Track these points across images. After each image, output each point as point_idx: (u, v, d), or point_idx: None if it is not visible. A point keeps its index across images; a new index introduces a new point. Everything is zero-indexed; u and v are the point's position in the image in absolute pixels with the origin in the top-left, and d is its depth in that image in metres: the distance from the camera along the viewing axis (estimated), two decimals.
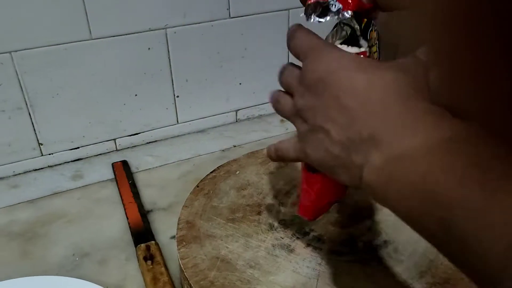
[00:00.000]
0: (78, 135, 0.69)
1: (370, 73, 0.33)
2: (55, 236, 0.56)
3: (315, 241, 0.49)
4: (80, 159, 0.70)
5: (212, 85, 0.75)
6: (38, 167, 0.68)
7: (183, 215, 0.53)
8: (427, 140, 0.28)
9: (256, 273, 0.45)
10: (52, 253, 0.54)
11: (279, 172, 0.60)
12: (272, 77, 0.84)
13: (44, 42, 0.61)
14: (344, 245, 0.48)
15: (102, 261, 0.52)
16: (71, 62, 0.64)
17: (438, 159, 0.26)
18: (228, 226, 0.51)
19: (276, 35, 0.76)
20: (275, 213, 0.53)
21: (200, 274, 0.45)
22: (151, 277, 0.49)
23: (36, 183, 0.65)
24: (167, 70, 0.71)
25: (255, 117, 0.81)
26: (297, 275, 0.45)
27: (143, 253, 0.52)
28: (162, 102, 0.73)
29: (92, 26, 0.63)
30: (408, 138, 0.29)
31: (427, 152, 0.27)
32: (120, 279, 0.50)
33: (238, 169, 0.61)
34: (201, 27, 0.70)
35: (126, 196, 0.61)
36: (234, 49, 0.74)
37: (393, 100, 0.31)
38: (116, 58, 0.67)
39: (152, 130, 0.74)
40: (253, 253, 0.47)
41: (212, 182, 0.59)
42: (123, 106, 0.70)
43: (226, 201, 0.55)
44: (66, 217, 0.59)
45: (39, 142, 0.67)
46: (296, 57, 0.40)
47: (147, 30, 0.67)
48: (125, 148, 0.73)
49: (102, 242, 0.55)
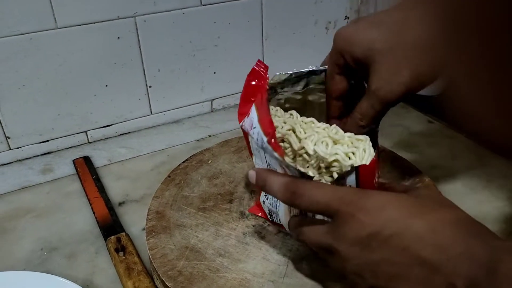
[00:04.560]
0: (47, 127, 0.67)
1: (426, 216, 0.32)
2: (23, 231, 0.55)
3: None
4: (50, 152, 0.69)
5: (186, 74, 0.74)
6: (6, 162, 0.66)
7: (153, 206, 0.52)
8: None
9: (225, 261, 0.44)
10: (19, 248, 0.52)
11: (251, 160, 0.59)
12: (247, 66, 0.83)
13: (7, 32, 0.59)
14: None
15: (71, 255, 0.51)
16: (37, 52, 0.62)
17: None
18: (198, 216, 0.50)
19: (249, 23, 0.74)
20: (247, 201, 0.52)
21: (169, 264, 0.44)
22: (125, 267, 0.47)
23: (4, 178, 0.64)
24: (138, 59, 0.69)
25: (231, 106, 0.80)
26: (267, 262, 0.44)
27: (114, 245, 0.51)
28: (134, 92, 0.72)
29: (57, 14, 0.61)
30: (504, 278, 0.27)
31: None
32: (89, 273, 0.49)
33: (210, 158, 0.60)
34: (172, 15, 0.69)
35: (90, 191, 0.60)
36: (207, 37, 0.73)
37: (468, 240, 0.30)
38: (84, 47, 0.65)
39: (125, 122, 0.73)
40: (223, 242, 0.46)
41: (183, 172, 0.58)
42: (93, 97, 0.69)
43: (198, 191, 0.54)
44: (34, 211, 0.58)
45: (6, 135, 0.65)
46: (317, 213, 0.37)
47: (115, 19, 0.65)
48: (97, 141, 0.72)
49: (70, 236, 0.54)
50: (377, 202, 0.34)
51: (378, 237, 0.32)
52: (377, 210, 0.33)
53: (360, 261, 0.33)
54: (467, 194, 0.57)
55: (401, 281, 0.31)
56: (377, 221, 0.32)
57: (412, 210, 0.33)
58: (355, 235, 0.33)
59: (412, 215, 0.32)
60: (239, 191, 0.54)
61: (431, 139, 0.70)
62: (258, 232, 0.48)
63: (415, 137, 0.70)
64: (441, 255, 0.30)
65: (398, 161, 0.58)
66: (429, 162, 0.63)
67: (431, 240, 0.31)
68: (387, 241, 0.32)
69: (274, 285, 0.42)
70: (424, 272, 0.30)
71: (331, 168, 0.38)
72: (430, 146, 0.68)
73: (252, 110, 0.42)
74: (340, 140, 0.40)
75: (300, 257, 0.44)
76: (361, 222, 0.33)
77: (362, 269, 0.33)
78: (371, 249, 0.32)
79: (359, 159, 0.38)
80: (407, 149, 0.66)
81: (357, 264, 0.33)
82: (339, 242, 0.34)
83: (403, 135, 0.71)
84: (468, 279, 0.29)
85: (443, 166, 0.63)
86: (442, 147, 0.67)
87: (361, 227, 0.33)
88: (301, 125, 0.41)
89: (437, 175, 0.60)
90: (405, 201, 0.34)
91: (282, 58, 0.81)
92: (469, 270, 0.29)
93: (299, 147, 0.39)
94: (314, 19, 0.81)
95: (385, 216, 0.32)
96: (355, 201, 0.34)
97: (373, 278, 0.32)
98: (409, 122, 0.74)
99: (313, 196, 0.36)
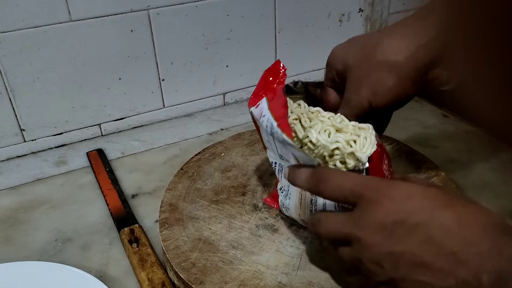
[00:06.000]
0: (61, 120, 0.68)
1: (454, 209, 0.31)
2: (38, 222, 0.55)
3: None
4: (64, 145, 0.69)
5: (198, 68, 0.74)
6: (21, 154, 0.67)
7: (166, 198, 0.52)
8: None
9: (239, 253, 0.44)
10: (34, 239, 0.53)
11: (264, 154, 0.59)
12: (259, 59, 0.82)
13: (22, 25, 0.60)
14: None
15: (85, 246, 0.52)
16: (51, 45, 0.62)
17: None
18: (211, 208, 0.50)
19: (262, 16, 0.74)
20: (260, 194, 0.52)
21: (182, 256, 0.44)
22: (138, 259, 0.48)
23: (19, 170, 0.64)
24: (151, 52, 0.69)
25: (244, 100, 0.80)
26: (280, 254, 0.44)
27: (127, 237, 0.51)
28: (147, 85, 0.72)
29: (71, 7, 0.61)
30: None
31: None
32: (103, 264, 0.49)
33: (223, 151, 0.60)
34: (185, 8, 0.69)
35: (104, 183, 0.60)
36: (220, 30, 0.73)
37: (496, 237, 0.29)
38: (98, 40, 0.65)
39: (138, 115, 0.73)
40: (236, 234, 0.46)
41: (196, 165, 0.58)
42: (107, 90, 0.69)
43: (210, 183, 0.54)
44: (49, 203, 0.58)
45: (21, 128, 0.65)
46: (335, 201, 0.37)
47: (129, 11, 0.65)
48: (111, 133, 0.72)
49: (85, 227, 0.54)
50: (403, 191, 0.33)
51: (404, 226, 0.31)
52: (404, 199, 0.32)
53: (382, 249, 0.32)
54: (484, 188, 0.57)
55: (423, 272, 0.30)
56: (403, 209, 0.32)
57: (441, 202, 0.32)
58: (379, 221, 0.32)
59: (440, 206, 0.32)
60: (252, 184, 0.54)
61: (446, 133, 0.69)
62: (271, 225, 0.47)
63: (430, 131, 0.69)
64: (469, 248, 0.29)
65: (413, 155, 0.58)
66: (445, 156, 0.62)
67: (458, 233, 0.30)
68: (413, 230, 0.31)
69: (288, 277, 0.41)
70: (449, 265, 0.29)
71: (334, 156, 0.38)
72: (445, 140, 0.67)
73: (263, 101, 0.42)
74: (343, 128, 0.40)
75: (314, 250, 0.44)
76: (386, 208, 0.32)
77: (382, 259, 0.32)
78: (395, 237, 0.31)
79: (359, 147, 0.38)
80: (422, 143, 0.66)
81: (379, 252, 0.32)
82: (361, 229, 0.33)
83: (418, 129, 0.70)
84: (495, 274, 0.28)
85: (458, 160, 0.62)
86: (458, 141, 0.66)
87: (386, 213, 0.32)
88: (307, 114, 0.41)
89: (453, 169, 0.59)
90: (432, 192, 0.33)
91: (295, 51, 0.80)
92: (497, 265, 0.28)
93: (303, 135, 0.39)
94: (327, 12, 0.80)
95: (412, 205, 0.32)
96: (381, 188, 0.33)
97: (394, 268, 0.32)
98: (423, 116, 0.73)
99: (337, 182, 0.35)
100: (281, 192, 0.46)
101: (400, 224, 0.31)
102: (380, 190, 0.33)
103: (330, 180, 0.36)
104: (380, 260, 0.32)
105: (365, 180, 0.35)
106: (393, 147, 0.59)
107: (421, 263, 0.30)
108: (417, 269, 0.31)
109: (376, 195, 0.33)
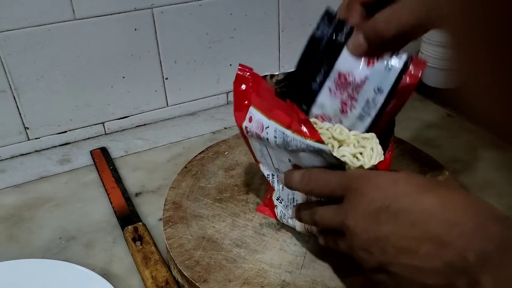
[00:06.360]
0: (65, 118, 0.68)
1: (436, 193, 0.32)
2: (42, 220, 0.55)
3: None
4: (68, 143, 0.69)
5: (202, 66, 0.74)
6: (25, 152, 0.67)
7: (169, 196, 0.52)
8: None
9: (242, 252, 0.44)
10: (38, 237, 0.53)
11: None
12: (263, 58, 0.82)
13: (26, 23, 0.60)
14: None
15: (89, 244, 0.52)
16: (55, 44, 0.63)
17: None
18: (215, 206, 0.50)
19: (266, 14, 0.74)
20: (264, 193, 0.52)
21: (186, 254, 0.44)
22: (142, 256, 0.48)
23: (23, 168, 0.64)
24: (155, 51, 0.69)
25: None
26: (284, 253, 0.44)
27: (131, 235, 0.51)
28: (151, 84, 0.72)
29: (75, 5, 0.61)
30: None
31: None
32: (107, 262, 0.49)
33: (226, 150, 0.60)
34: (189, 7, 0.69)
35: (108, 182, 0.60)
36: (223, 29, 0.73)
37: (480, 217, 0.30)
38: (102, 39, 0.65)
39: (142, 113, 0.73)
40: (240, 232, 0.46)
41: (200, 163, 0.58)
42: (110, 88, 0.69)
43: (214, 182, 0.54)
44: (52, 201, 0.58)
45: (25, 126, 0.66)
46: (326, 197, 0.37)
47: (132, 10, 0.65)
48: (114, 132, 0.72)
49: (88, 225, 0.54)
50: (388, 178, 0.34)
51: (388, 211, 0.32)
52: (388, 185, 0.33)
53: (369, 235, 0.33)
54: (487, 187, 0.56)
55: (409, 256, 0.31)
56: (387, 194, 0.32)
57: (424, 187, 0.33)
58: (364, 208, 0.33)
59: (423, 191, 0.32)
60: (256, 182, 0.54)
61: (450, 132, 0.69)
62: (275, 224, 0.47)
63: (434, 130, 0.69)
64: (452, 230, 0.30)
65: (417, 154, 0.58)
66: (449, 155, 0.62)
67: (441, 216, 0.30)
68: (396, 215, 0.32)
69: (292, 276, 0.41)
70: (434, 248, 0.30)
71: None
72: (449, 139, 0.67)
73: (253, 113, 0.40)
74: (345, 140, 0.39)
75: (317, 248, 0.44)
76: (371, 195, 0.33)
77: (370, 244, 0.33)
78: (379, 223, 0.32)
79: (367, 159, 0.37)
80: (426, 142, 0.65)
81: (366, 239, 0.33)
82: (349, 217, 0.34)
83: (422, 128, 0.70)
84: (480, 251, 0.28)
85: (462, 160, 0.62)
86: (462, 140, 0.66)
87: (370, 200, 0.33)
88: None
89: (457, 169, 0.59)
90: (416, 178, 0.34)
91: (299, 50, 0.80)
92: (481, 244, 0.28)
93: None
94: None
95: (396, 191, 0.32)
96: (365, 176, 0.34)
97: (381, 253, 0.32)
98: (427, 115, 0.73)
99: (325, 178, 0.36)
100: (279, 202, 0.45)
101: (384, 210, 0.32)
102: (365, 179, 0.34)
103: (319, 178, 0.37)
104: (368, 246, 0.33)
105: (350, 172, 0.36)
106: (397, 146, 0.59)
107: (407, 247, 0.31)
108: (403, 253, 0.31)
109: (361, 183, 0.34)
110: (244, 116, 0.42)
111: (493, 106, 0.19)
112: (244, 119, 0.42)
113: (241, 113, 0.42)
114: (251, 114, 0.41)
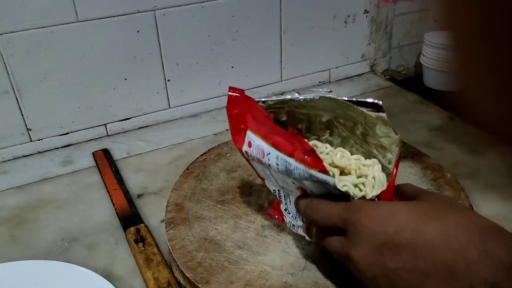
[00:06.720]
0: (67, 120, 0.68)
1: (436, 221, 0.32)
2: (44, 221, 0.55)
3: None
4: (70, 144, 0.70)
5: (204, 68, 0.74)
6: (27, 153, 0.67)
7: (172, 198, 0.52)
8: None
9: (244, 253, 0.44)
10: (40, 238, 0.53)
11: None
12: (265, 60, 0.82)
13: (29, 25, 0.60)
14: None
15: (91, 246, 0.52)
16: (58, 46, 0.63)
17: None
18: (217, 208, 0.50)
19: (268, 17, 0.74)
20: (266, 195, 0.52)
21: (188, 255, 0.44)
22: (144, 258, 0.48)
23: (25, 169, 0.65)
24: (157, 53, 0.70)
25: None
26: (286, 255, 0.44)
27: (133, 236, 0.51)
28: (153, 86, 0.72)
29: (78, 8, 0.62)
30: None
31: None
32: (109, 263, 0.49)
33: (229, 152, 0.60)
34: (191, 9, 0.69)
35: (110, 183, 0.60)
36: (225, 31, 0.73)
37: (484, 243, 0.30)
38: (104, 41, 0.65)
39: (144, 115, 0.73)
40: (242, 234, 0.46)
41: (202, 165, 0.58)
42: (112, 90, 0.69)
43: (216, 183, 0.54)
44: (55, 202, 0.58)
45: (28, 127, 0.66)
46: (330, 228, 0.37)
47: (135, 12, 0.65)
48: (116, 134, 0.72)
49: (91, 227, 0.54)
50: (386, 210, 0.34)
51: (390, 247, 0.32)
52: (387, 218, 0.33)
53: (375, 272, 0.33)
54: (490, 191, 0.56)
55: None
56: (387, 229, 0.32)
57: (424, 217, 0.32)
58: (367, 244, 0.33)
59: (423, 221, 0.32)
60: (258, 184, 0.54)
61: (452, 135, 0.69)
62: (277, 225, 0.47)
63: (436, 133, 0.69)
64: (459, 260, 0.29)
65: (419, 156, 0.58)
66: (451, 158, 0.62)
67: (444, 246, 0.30)
68: (400, 250, 0.31)
69: (294, 278, 0.41)
70: (442, 279, 0.30)
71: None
72: (451, 142, 0.67)
73: (252, 138, 0.40)
74: (346, 167, 0.39)
75: (319, 250, 0.44)
76: (372, 230, 0.33)
77: (377, 279, 0.33)
78: (384, 259, 0.32)
79: (369, 190, 0.37)
80: (428, 145, 0.65)
81: (373, 274, 0.33)
82: (353, 251, 0.34)
83: (424, 131, 0.70)
84: (489, 282, 0.28)
85: (464, 163, 0.62)
86: (464, 143, 0.66)
87: (372, 236, 0.33)
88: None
89: (459, 172, 0.59)
90: (415, 207, 0.34)
91: (300, 52, 0.81)
92: (490, 272, 0.28)
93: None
94: (332, 13, 0.80)
95: (397, 224, 0.32)
96: (362, 208, 0.34)
97: (389, 287, 0.32)
98: (429, 118, 0.73)
99: (326, 210, 0.37)
100: (287, 213, 0.45)
101: (387, 246, 0.32)
102: (363, 211, 0.34)
103: (320, 210, 0.37)
104: (375, 279, 0.33)
105: (349, 205, 0.36)
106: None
107: (414, 281, 0.31)
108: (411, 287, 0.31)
109: (360, 217, 0.34)
110: (242, 139, 0.41)
111: (493, 107, 0.19)
112: (243, 143, 0.41)
113: (238, 137, 0.42)
114: (250, 139, 0.40)
